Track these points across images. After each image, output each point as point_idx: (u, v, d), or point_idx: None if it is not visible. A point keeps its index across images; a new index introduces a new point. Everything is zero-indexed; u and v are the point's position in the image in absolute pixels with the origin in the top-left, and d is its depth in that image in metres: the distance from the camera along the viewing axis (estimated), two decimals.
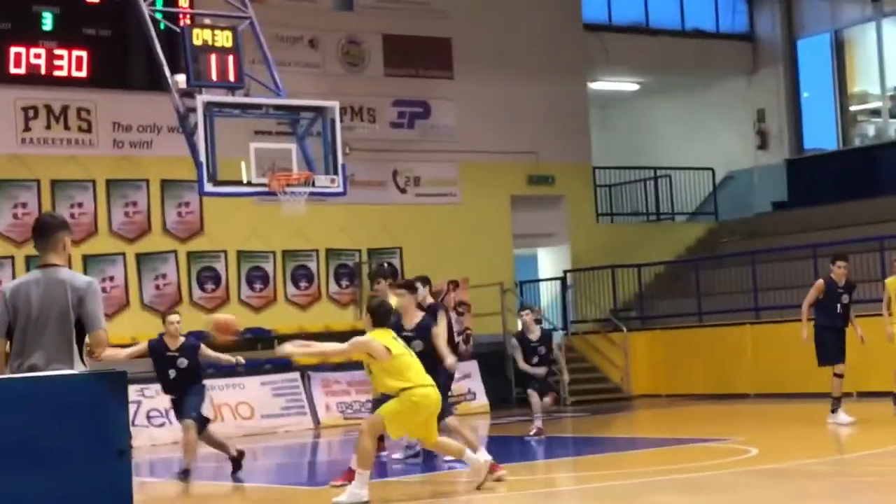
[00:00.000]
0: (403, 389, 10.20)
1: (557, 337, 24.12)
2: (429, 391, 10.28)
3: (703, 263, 24.52)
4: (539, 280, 26.34)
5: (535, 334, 16.26)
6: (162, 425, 18.25)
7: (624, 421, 19.89)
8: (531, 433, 15.76)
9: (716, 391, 21.70)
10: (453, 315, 22.02)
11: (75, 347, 6.70)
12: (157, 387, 16.97)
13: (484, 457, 10.76)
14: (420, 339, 11.56)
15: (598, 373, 23.70)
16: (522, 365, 16.17)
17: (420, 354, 10.80)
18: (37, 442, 5.07)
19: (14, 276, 19.76)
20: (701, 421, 18.15)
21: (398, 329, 11.17)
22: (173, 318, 13.17)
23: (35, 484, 5.05)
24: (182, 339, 13.12)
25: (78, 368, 6.64)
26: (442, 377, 11.56)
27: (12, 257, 20.05)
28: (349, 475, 10.93)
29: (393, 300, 11.52)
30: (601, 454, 14.32)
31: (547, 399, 16.07)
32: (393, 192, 23.81)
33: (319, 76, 22.75)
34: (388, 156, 23.65)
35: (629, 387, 23.17)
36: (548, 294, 26.05)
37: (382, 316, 10.50)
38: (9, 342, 6.78)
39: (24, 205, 20.36)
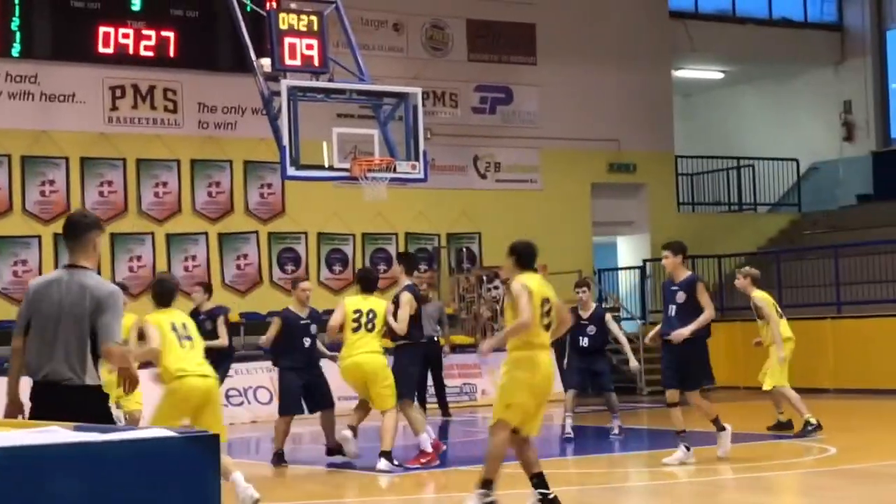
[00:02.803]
0: None
1: (634, 326, 24.05)
2: None
3: (785, 256, 24.22)
4: (618, 269, 26.22)
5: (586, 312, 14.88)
6: (241, 404, 18.44)
7: (701, 414, 19.65)
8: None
9: (795, 385, 21.36)
10: None
11: (90, 356, 6.48)
12: (238, 366, 17.31)
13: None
14: None
15: None
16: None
17: None
18: None
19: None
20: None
21: None
22: (305, 284, 13.09)
23: None
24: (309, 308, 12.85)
25: (89, 379, 6.44)
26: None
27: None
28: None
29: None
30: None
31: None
32: (473, 178, 23.83)
33: (402, 60, 22.80)
34: (470, 141, 23.66)
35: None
36: (626, 283, 25.93)
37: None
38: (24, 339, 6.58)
39: (109, 183, 20.67)
